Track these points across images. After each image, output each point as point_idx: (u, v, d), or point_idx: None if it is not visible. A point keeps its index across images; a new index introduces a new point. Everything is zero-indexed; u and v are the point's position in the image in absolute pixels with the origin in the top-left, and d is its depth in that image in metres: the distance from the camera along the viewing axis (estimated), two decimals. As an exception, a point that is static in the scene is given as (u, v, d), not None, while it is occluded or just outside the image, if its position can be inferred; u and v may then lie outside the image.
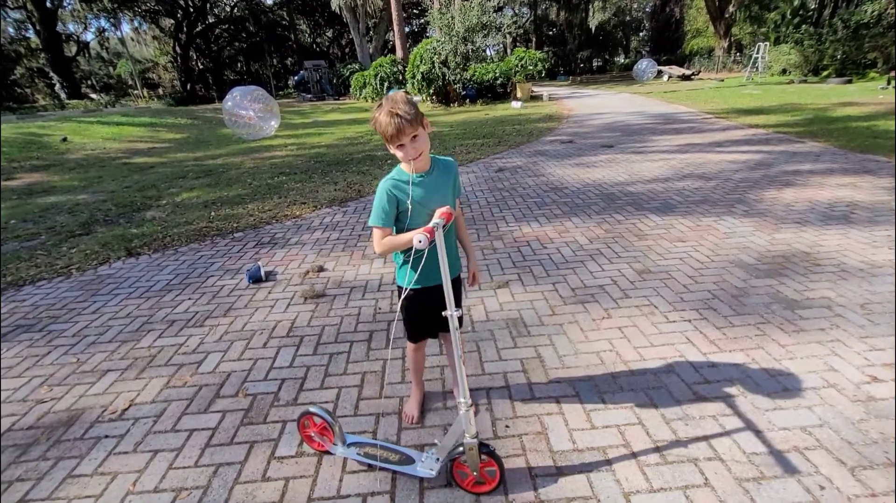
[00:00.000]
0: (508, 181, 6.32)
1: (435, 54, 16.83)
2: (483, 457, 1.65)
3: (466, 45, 17.29)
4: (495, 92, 18.15)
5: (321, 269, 3.83)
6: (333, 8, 26.18)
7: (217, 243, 4.61)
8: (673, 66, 28.61)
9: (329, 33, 42.09)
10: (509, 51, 32.62)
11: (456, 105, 17.25)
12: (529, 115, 13.50)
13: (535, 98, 18.39)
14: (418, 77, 17.00)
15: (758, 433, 1.91)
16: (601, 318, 2.85)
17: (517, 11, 42.80)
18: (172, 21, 35.17)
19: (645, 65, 27.22)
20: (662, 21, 42.55)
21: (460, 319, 1.62)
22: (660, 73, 26.71)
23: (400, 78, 19.16)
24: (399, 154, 1.60)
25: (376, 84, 19.40)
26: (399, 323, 1.91)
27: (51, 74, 31.38)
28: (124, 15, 33.69)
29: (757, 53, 21.45)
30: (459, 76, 17.28)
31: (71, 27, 35.82)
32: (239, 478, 1.86)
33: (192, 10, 34.63)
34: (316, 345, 2.76)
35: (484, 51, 19.24)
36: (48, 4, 28.73)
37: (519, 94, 17.66)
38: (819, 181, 5.34)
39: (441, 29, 17.56)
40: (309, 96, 26.39)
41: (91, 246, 4.64)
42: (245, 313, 3.19)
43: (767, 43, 22.26)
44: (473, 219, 4.86)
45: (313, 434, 1.90)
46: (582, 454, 1.87)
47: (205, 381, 2.48)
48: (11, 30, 32.75)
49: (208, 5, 36.05)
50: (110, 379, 2.55)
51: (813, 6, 22.78)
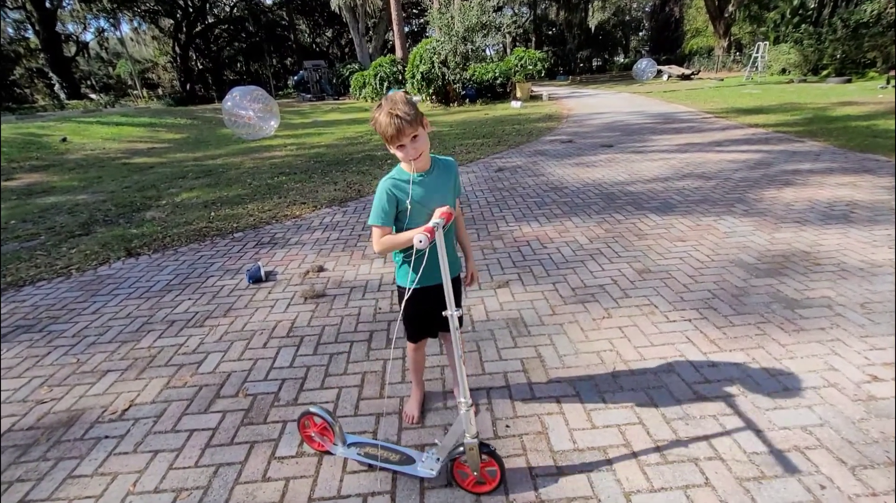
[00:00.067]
0: (508, 181, 6.32)
1: (434, 54, 16.82)
2: (483, 456, 1.65)
3: (466, 45, 17.28)
4: (495, 92, 18.13)
5: (321, 269, 3.83)
6: (333, 8, 26.16)
7: (217, 243, 4.61)
8: (672, 66, 28.58)
9: (329, 33, 42.06)
10: (509, 50, 32.62)
11: (455, 105, 17.24)
12: (529, 115, 13.50)
13: (535, 98, 18.38)
14: (418, 77, 16.99)
15: (758, 432, 1.91)
16: (601, 318, 2.85)
17: (517, 11, 42.77)
18: (172, 21, 35.15)
19: (644, 64, 27.20)
20: (662, 20, 42.53)
21: (460, 319, 1.62)
22: (659, 73, 26.68)
23: (399, 78, 19.14)
24: (399, 154, 1.60)
25: (376, 84, 19.39)
26: (399, 323, 1.90)
27: (50, 75, 31.35)
28: (123, 15, 33.66)
29: (756, 53, 21.43)
30: (459, 76, 17.27)
31: (70, 27, 35.82)
32: (239, 478, 1.86)
33: (192, 11, 34.61)
34: (316, 345, 2.76)
35: (483, 50, 19.24)
36: (47, 4, 28.71)
37: (518, 94, 17.65)
38: (819, 180, 5.34)
39: (441, 29, 17.55)
40: (308, 96, 26.36)
41: (91, 246, 4.64)
42: (245, 313, 3.19)
43: (767, 42, 22.25)
44: (473, 218, 4.86)
45: (314, 434, 1.90)
46: (582, 454, 1.87)
47: (205, 382, 2.48)
48: (11, 30, 32.73)
49: (208, 5, 36.02)
50: (110, 379, 2.55)
51: (812, 5, 22.77)
